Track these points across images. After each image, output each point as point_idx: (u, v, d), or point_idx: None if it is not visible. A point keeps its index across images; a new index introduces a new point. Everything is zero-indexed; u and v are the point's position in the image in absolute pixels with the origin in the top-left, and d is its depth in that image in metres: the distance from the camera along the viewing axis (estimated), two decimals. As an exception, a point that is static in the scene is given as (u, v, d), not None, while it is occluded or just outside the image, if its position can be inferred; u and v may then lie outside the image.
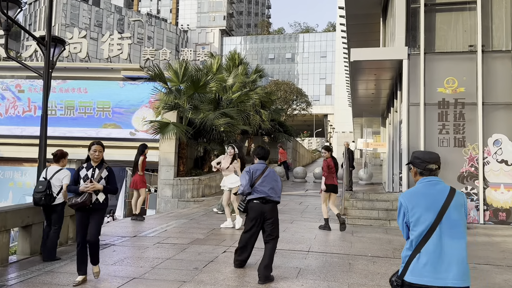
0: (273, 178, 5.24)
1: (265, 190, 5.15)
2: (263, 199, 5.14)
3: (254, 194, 5.18)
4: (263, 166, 5.32)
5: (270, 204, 5.16)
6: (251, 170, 5.23)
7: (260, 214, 5.13)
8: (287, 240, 7.20)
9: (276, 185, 5.23)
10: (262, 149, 5.45)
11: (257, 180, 5.19)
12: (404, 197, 2.98)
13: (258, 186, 5.17)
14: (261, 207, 5.13)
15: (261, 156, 5.41)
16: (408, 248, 2.92)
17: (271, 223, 5.14)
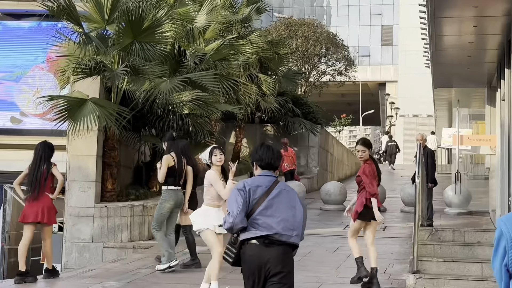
0: (287, 203, 5.29)
1: (271, 224, 5.18)
2: (266, 238, 5.17)
3: (251, 231, 5.20)
4: (270, 180, 5.37)
5: (279, 248, 5.18)
6: (246, 187, 5.27)
7: (258, 267, 5.15)
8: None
9: (293, 215, 5.27)
10: (267, 150, 5.49)
11: (257, 205, 5.23)
12: (506, 222, 3.06)
13: (259, 216, 5.19)
14: (261, 253, 5.15)
15: (266, 163, 5.44)
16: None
17: (279, 282, 5.16)
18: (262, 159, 5.43)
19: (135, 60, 13.02)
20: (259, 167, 5.46)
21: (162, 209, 10.15)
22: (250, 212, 5.22)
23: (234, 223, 5.14)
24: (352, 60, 40.67)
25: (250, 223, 5.20)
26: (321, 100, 47.20)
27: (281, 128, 23.78)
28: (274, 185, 5.34)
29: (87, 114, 12.33)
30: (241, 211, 5.16)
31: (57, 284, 9.62)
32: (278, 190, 5.31)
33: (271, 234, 5.16)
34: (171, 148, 10.44)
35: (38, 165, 9.78)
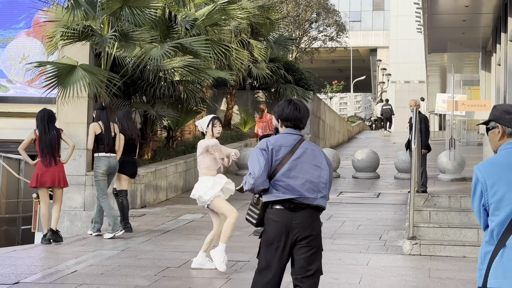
0: (312, 163, 5.07)
1: (294, 186, 4.98)
2: (291, 202, 5.00)
3: (273, 193, 5.02)
4: (295, 139, 5.12)
5: (305, 212, 5.03)
6: (269, 146, 5.05)
7: (285, 231, 5.01)
8: None
9: (319, 176, 5.05)
10: (293, 107, 5.18)
11: (280, 165, 5.02)
12: (481, 169, 3.55)
13: (282, 177, 4.99)
14: (287, 218, 5.00)
15: (292, 120, 5.16)
16: (487, 241, 3.50)
17: (307, 245, 5.06)
18: (288, 118, 5.16)
19: (124, 25, 12.87)
20: (283, 125, 5.20)
21: (96, 176, 10.60)
22: (273, 173, 5.00)
23: (255, 185, 4.95)
24: (343, 25, 40.43)
25: (272, 184, 5.00)
26: (312, 67, 46.98)
27: (272, 95, 23.67)
28: (299, 144, 5.08)
29: (77, 81, 12.21)
30: (263, 172, 4.95)
31: (52, 251, 9.60)
32: (302, 149, 5.07)
33: (295, 198, 4.97)
34: (100, 116, 10.77)
35: (48, 131, 10.13)
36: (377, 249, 9.55)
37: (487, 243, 3.51)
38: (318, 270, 5.18)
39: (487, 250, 3.50)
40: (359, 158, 17.79)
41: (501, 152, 3.61)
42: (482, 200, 3.55)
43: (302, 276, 5.08)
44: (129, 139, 10.95)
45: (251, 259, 8.74)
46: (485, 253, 3.50)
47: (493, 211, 3.48)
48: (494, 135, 3.68)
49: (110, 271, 8.11)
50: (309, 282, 5.11)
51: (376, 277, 7.88)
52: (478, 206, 3.59)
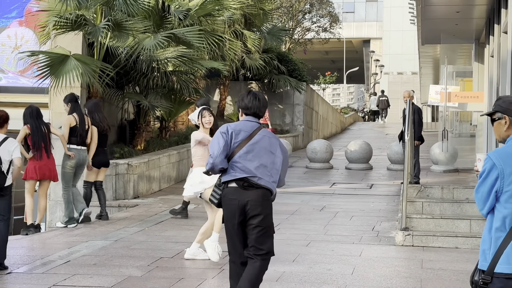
0: (267, 149, 5.49)
1: (249, 167, 5.40)
2: (245, 181, 5.39)
3: (230, 173, 5.43)
4: (253, 126, 5.54)
5: (258, 191, 5.41)
6: (229, 130, 5.45)
7: (239, 209, 5.38)
8: (301, 279, 7.33)
9: (273, 162, 5.51)
10: (252, 97, 5.62)
11: (238, 148, 5.42)
12: (498, 157, 3.67)
13: (239, 159, 5.41)
14: (240, 195, 5.39)
15: (251, 108, 5.58)
16: (499, 228, 3.62)
17: (258, 224, 5.39)
18: (248, 107, 5.57)
19: (117, 15, 12.82)
20: (244, 113, 5.61)
21: (65, 168, 10.67)
22: (231, 155, 5.42)
23: (214, 164, 5.38)
24: (336, 16, 40.42)
25: (230, 165, 5.43)
26: (305, 58, 46.85)
27: (266, 86, 23.66)
28: (257, 130, 5.51)
29: (70, 71, 12.17)
30: (221, 153, 5.37)
31: (45, 241, 9.60)
32: (260, 136, 5.49)
33: (249, 177, 5.39)
34: (74, 109, 10.85)
35: (40, 126, 10.24)
36: (369, 240, 9.58)
37: (498, 230, 3.62)
38: (270, 252, 5.51)
39: (498, 235, 3.61)
40: (352, 149, 17.81)
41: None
42: (495, 186, 3.66)
43: (253, 254, 5.42)
44: (101, 131, 11.09)
45: (244, 249, 8.75)
46: (496, 239, 3.61)
47: (508, 198, 3.62)
48: (501, 125, 3.80)
49: (103, 261, 8.10)
50: (259, 260, 5.43)
51: (369, 267, 7.90)
52: (488, 191, 3.68)
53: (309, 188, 14.93)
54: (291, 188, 14.99)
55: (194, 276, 7.60)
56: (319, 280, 7.29)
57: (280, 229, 10.37)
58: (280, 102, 23.73)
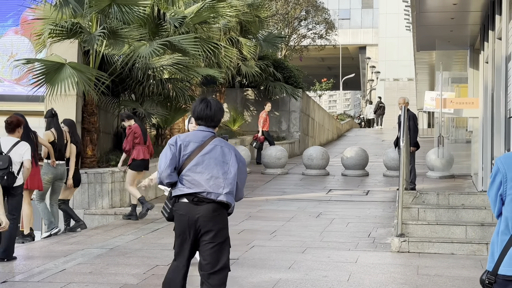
0: (219, 159, 5.23)
1: (199, 181, 5.17)
2: (195, 196, 5.17)
3: (179, 187, 5.22)
4: (205, 136, 5.30)
5: (208, 206, 5.17)
6: (178, 142, 5.24)
7: (189, 226, 5.18)
8: (297, 286, 7.33)
9: (225, 172, 5.22)
10: (204, 105, 5.35)
11: (188, 160, 5.20)
12: (503, 161, 3.81)
13: (188, 172, 5.18)
14: (190, 211, 5.18)
15: (203, 118, 5.33)
16: (503, 231, 3.73)
17: (211, 241, 5.20)
18: (200, 116, 5.34)
19: (113, 23, 12.83)
20: (197, 124, 5.39)
21: (43, 181, 10.60)
22: (181, 167, 5.22)
23: (161, 178, 5.23)
24: (332, 23, 40.51)
25: (180, 179, 5.22)
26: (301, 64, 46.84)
27: (262, 93, 23.69)
28: (209, 140, 5.27)
29: (65, 79, 12.16)
30: (167, 167, 5.18)
31: (40, 250, 9.58)
32: (212, 146, 5.25)
33: (199, 192, 5.16)
34: (51, 124, 10.96)
35: (29, 135, 10.06)
36: (366, 246, 9.58)
37: (502, 233, 3.74)
38: (225, 267, 5.29)
39: (503, 238, 3.73)
40: (348, 156, 17.82)
41: None
42: (500, 190, 3.79)
43: (208, 272, 5.23)
44: (79, 150, 11.25)
45: (240, 256, 8.75)
46: (501, 241, 3.72)
47: (510, 201, 3.73)
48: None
49: (99, 270, 8.09)
50: (216, 278, 5.24)
51: (365, 274, 7.90)
52: (495, 195, 3.82)
53: (305, 195, 14.93)
54: (287, 195, 15.01)
55: (189, 284, 7.57)
56: (315, 287, 7.28)
57: (276, 236, 10.39)
58: (276, 109, 23.75)
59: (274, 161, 18.08)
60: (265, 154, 18.38)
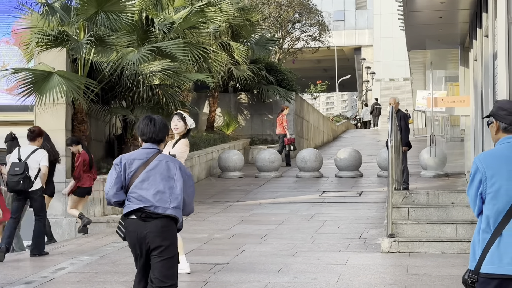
0: (165, 174, 5.28)
1: (146, 196, 5.22)
2: (142, 212, 5.22)
3: (127, 205, 5.27)
4: (149, 152, 5.35)
5: (156, 221, 5.21)
6: (122, 161, 5.29)
7: (139, 242, 5.25)
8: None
9: (171, 187, 5.27)
10: (149, 122, 5.40)
11: (134, 178, 5.25)
12: (482, 160, 3.83)
13: (135, 189, 5.24)
14: (139, 228, 5.23)
15: (148, 137, 5.38)
16: (484, 229, 3.77)
17: (159, 255, 5.23)
18: (144, 133, 5.39)
19: (100, 30, 12.80)
20: (143, 141, 5.43)
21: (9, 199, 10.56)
22: (128, 186, 5.27)
23: (107, 197, 5.31)
24: (325, 25, 40.50)
25: (128, 197, 5.28)
26: (297, 67, 46.84)
27: (255, 96, 23.67)
28: (154, 157, 5.31)
29: (53, 87, 12.14)
30: (113, 186, 5.24)
31: (29, 260, 9.55)
32: (156, 162, 5.30)
33: (145, 207, 5.20)
34: (11, 147, 11.01)
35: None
36: (356, 247, 9.56)
37: (484, 231, 3.77)
38: (173, 284, 5.30)
39: (484, 237, 3.75)
40: (342, 157, 17.80)
41: (500, 145, 3.89)
42: (480, 188, 3.82)
43: (157, 285, 5.24)
44: (53, 160, 10.95)
45: (230, 261, 8.73)
46: (482, 240, 3.75)
47: (490, 200, 3.77)
48: (492, 129, 3.97)
49: (87, 278, 8.06)
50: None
51: (354, 275, 7.87)
52: (475, 194, 3.84)
53: (299, 198, 14.92)
54: (280, 198, 14.99)
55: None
56: (305, 290, 7.26)
57: (267, 239, 10.37)
58: (270, 112, 23.73)
59: (267, 164, 18.07)
60: (259, 157, 18.37)
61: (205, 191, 16.28)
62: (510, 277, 3.68)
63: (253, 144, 22.72)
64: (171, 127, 8.11)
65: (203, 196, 15.35)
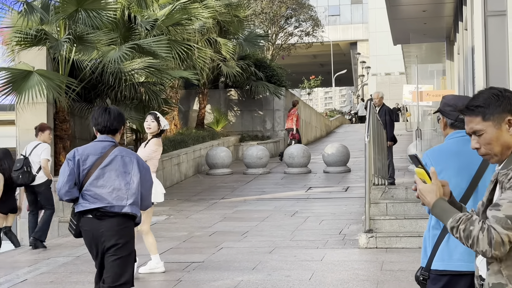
0: (121, 170, 5.16)
1: (102, 195, 5.12)
2: (98, 211, 5.13)
3: (82, 203, 5.15)
4: (105, 146, 5.22)
5: (112, 220, 5.13)
6: (76, 157, 5.16)
7: (95, 241, 5.19)
8: (257, 287, 7.25)
9: (128, 182, 5.15)
10: (103, 112, 5.27)
11: (89, 175, 5.13)
12: (429, 156, 3.80)
13: (90, 186, 5.12)
14: (94, 227, 5.14)
15: (103, 127, 5.25)
16: (434, 226, 3.72)
17: (114, 253, 5.15)
18: (98, 122, 5.26)
19: (78, 28, 12.71)
20: (98, 132, 5.30)
21: None
22: (82, 183, 5.15)
23: (59, 195, 5.17)
24: (318, 20, 40.43)
25: (82, 194, 5.15)
26: (293, 63, 46.74)
27: (245, 93, 23.61)
28: (109, 151, 5.20)
29: (33, 86, 12.07)
30: (65, 183, 5.09)
31: (6, 261, 9.49)
32: (112, 157, 5.18)
33: (102, 207, 5.11)
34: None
35: None
36: (334, 243, 9.51)
37: (433, 228, 3.73)
38: (127, 282, 5.24)
39: (434, 233, 3.72)
40: (329, 153, 17.73)
41: (448, 140, 3.86)
42: None
43: (108, 285, 5.18)
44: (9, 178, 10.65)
45: (206, 259, 8.68)
46: (433, 236, 3.72)
47: None
48: (441, 125, 3.98)
49: (60, 279, 8.01)
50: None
51: (328, 272, 7.83)
52: None
53: (285, 194, 14.86)
54: (266, 194, 14.94)
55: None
56: (276, 287, 7.21)
57: (247, 236, 10.31)
58: (260, 108, 23.69)
59: (255, 161, 18.01)
60: (247, 154, 18.31)
61: (192, 188, 16.23)
62: (460, 273, 3.63)
63: (243, 141, 22.66)
64: (144, 127, 8.10)
65: (188, 194, 15.31)
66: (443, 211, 2.63)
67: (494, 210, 2.46)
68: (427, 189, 2.71)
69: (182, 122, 22.33)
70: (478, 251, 2.47)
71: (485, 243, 2.43)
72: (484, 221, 2.46)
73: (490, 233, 2.42)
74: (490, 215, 2.46)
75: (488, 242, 2.42)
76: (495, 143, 2.64)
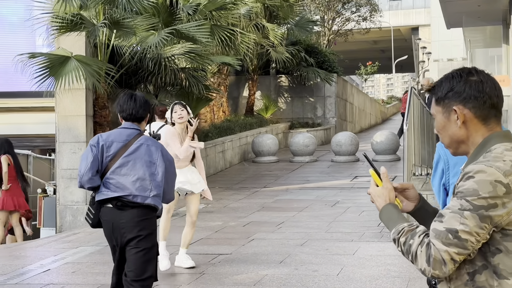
0: (146, 159, 4.94)
1: (124, 183, 4.89)
2: (119, 200, 4.88)
3: (103, 192, 4.91)
4: (130, 134, 5.01)
5: (133, 211, 4.90)
6: (100, 142, 4.94)
7: (113, 230, 4.94)
8: (281, 282, 6.91)
9: (153, 173, 4.93)
10: (129, 99, 5.07)
11: (112, 162, 4.91)
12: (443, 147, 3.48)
13: (113, 174, 4.89)
14: (115, 218, 4.90)
15: (128, 114, 5.04)
16: None
17: (135, 246, 4.91)
18: (123, 109, 5.05)
19: (116, 13, 12.47)
20: (123, 119, 5.09)
21: None
22: (105, 170, 4.91)
23: (81, 182, 4.91)
24: (376, 5, 39.58)
25: (104, 182, 4.91)
26: (352, 49, 45.99)
27: (295, 79, 23.21)
28: (134, 139, 4.97)
29: (70, 72, 11.88)
30: (88, 170, 4.85)
31: (34, 249, 9.43)
32: (137, 145, 4.95)
33: (123, 196, 4.86)
34: None
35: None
36: (371, 236, 9.08)
37: None
38: (152, 276, 4.98)
39: None
40: (378, 141, 17.16)
41: None
42: (443, 179, 3.49)
43: (132, 279, 4.91)
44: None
45: (234, 251, 8.39)
46: None
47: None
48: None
49: (83, 269, 7.85)
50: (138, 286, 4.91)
51: (358, 267, 7.42)
52: (438, 184, 3.54)
53: (329, 183, 14.44)
54: (310, 183, 14.56)
55: (169, 283, 7.26)
56: (300, 283, 6.85)
57: (281, 228, 9.97)
58: (311, 95, 23.25)
59: (301, 148, 17.60)
60: (293, 141, 17.94)
61: (236, 176, 15.97)
62: None
63: (293, 128, 22.28)
64: (173, 117, 7.63)
65: (231, 182, 15.05)
66: (388, 219, 2.26)
67: (438, 221, 2.07)
68: (377, 193, 2.33)
69: (231, 109, 22.09)
70: (418, 269, 2.09)
71: (423, 261, 2.06)
72: (427, 234, 2.06)
73: (429, 249, 2.04)
74: (432, 227, 2.05)
75: (426, 259, 2.05)
76: (443, 133, 2.26)
